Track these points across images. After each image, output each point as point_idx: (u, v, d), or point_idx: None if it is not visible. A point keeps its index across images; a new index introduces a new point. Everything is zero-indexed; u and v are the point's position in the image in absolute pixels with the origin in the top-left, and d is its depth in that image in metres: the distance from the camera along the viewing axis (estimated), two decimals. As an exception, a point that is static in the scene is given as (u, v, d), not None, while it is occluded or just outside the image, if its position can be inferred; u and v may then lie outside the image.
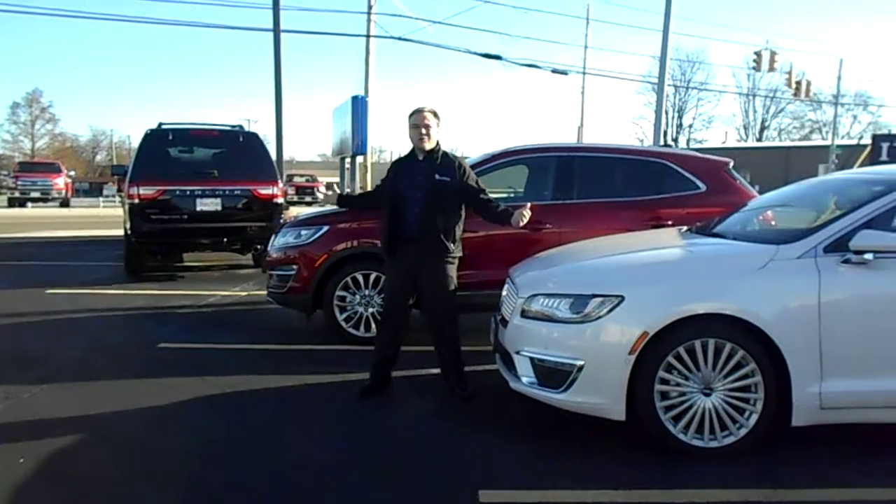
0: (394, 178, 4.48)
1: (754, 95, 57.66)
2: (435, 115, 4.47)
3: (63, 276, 9.48)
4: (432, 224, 4.30)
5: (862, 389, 3.39)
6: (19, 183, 30.47)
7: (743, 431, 3.42)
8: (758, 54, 25.70)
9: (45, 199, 30.64)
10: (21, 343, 5.91)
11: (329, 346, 5.70)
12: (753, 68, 27.35)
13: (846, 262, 3.38)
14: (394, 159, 4.79)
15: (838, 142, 40.49)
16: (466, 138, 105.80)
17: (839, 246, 3.41)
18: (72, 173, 40.72)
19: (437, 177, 4.36)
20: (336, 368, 5.03)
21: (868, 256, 3.33)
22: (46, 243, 14.11)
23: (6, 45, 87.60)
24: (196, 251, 10.21)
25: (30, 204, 30.00)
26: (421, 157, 4.43)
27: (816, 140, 54.76)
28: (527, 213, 4.42)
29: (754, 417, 3.40)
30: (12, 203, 30.38)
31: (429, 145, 4.41)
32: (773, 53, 25.52)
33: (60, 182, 31.25)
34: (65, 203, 31.18)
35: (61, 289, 8.40)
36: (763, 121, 62.37)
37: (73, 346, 5.69)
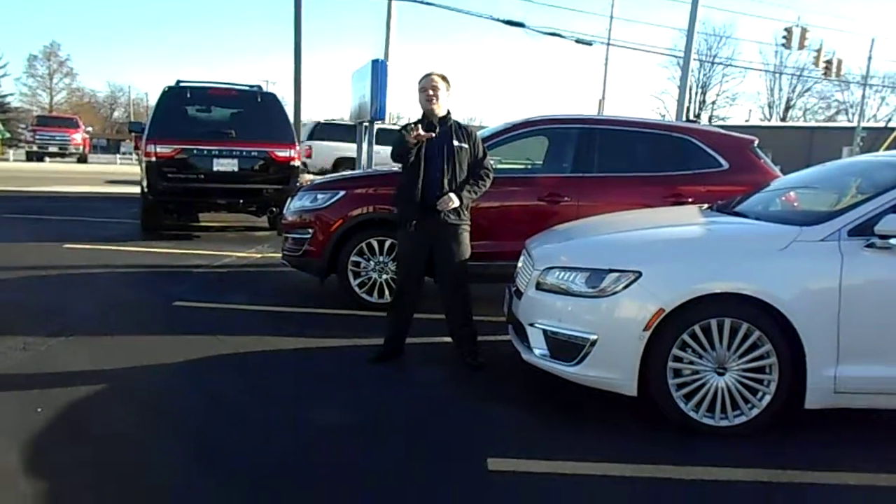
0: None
1: (781, 73, 56.49)
2: (444, 79, 4.41)
3: (80, 231, 9.56)
4: (452, 189, 4.28)
5: (878, 375, 3.36)
6: (37, 137, 30.65)
7: (755, 412, 3.40)
8: (788, 31, 25.10)
9: (62, 153, 30.82)
10: (39, 296, 5.97)
11: (342, 310, 5.72)
12: (783, 45, 26.74)
13: (870, 246, 3.32)
14: (402, 124, 4.68)
15: (864, 124, 39.74)
16: (486, 107, 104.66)
17: (864, 230, 3.35)
18: (89, 129, 40.91)
19: (455, 143, 4.33)
20: (349, 333, 5.05)
21: (893, 241, 3.27)
22: (64, 198, 14.21)
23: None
24: (212, 211, 10.24)
25: (47, 158, 30.21)
26: (435, 123, 4.38)
27: (842, 121, 53.80)
28: (452, 204, 4.28)
29: (767, 398, 3.39)
30: (30, 157, 30.63)
31: (439, 111, 4.36)
32: (804, 30, 24.91)
33: (78, 137, 31.40)
34: (82, 159, 31.38)
35: (78, 244, 8.47)
36: (788, 100, 61.13)
37: (89, 301, 5.76)
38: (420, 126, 4.29)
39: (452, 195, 4.27)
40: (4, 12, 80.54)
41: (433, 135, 4.25)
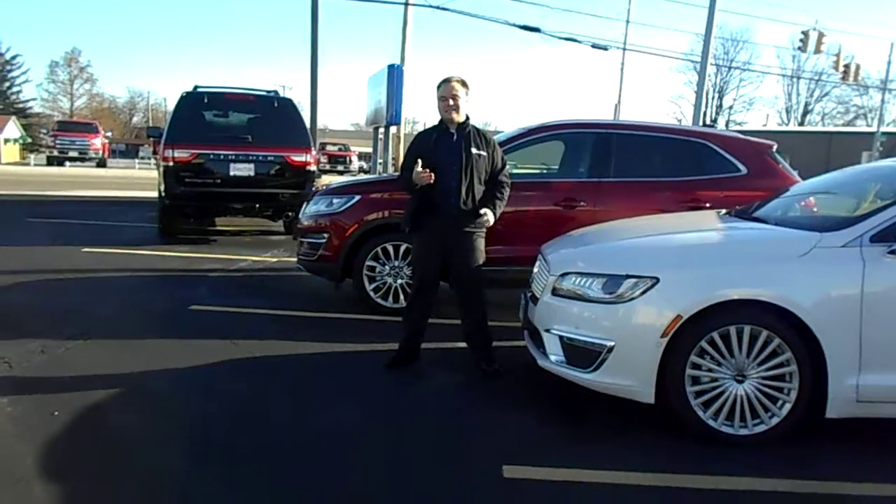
0: (428, 152, 4.38)
1: (798, 78, 56.10)
2: (464, 84, 4.36)
3: (98, 235, 9.64)
4: (469, 197, 4.26)
5: (902, 384, 3.28)
6: (58, 142, 31.09)
7: (775, 420, 3.35)
8: (805, 34, 24.88)
9: (82, 158, 31.24)
10: (57, 299, 6.02)
11: (357, 315, 5.72)
12: (800, 49, 26.51)
13: (893, 252, 3.26)
14: (417, 132, 4.67)
15: (884, 129, 39.29)
16: (502, 112, 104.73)
17: (886, 236, 3.29)
18: (109, 134, 41.44)
19: (473, 149, 4.29)
20: (364, 337, 5.04)
21: (917, 248, 3.21)
22: (83, 202, 14.37)
23: (46, 2, 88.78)
24: (228, 216, 10.30)
25: (67, 163, 30.61)
26: (453, 131, 4.35)
27: (861, 126, 53.23)
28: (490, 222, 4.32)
29: (787, 407, 3.33)
30: (51, 161, 31.09)
31: (458, 118, 4.33)
32: (820, 34, 24.68)
33: (97, 142, 31.83)
34: (101, 163, 31.77)
35: (96, 248, 8.54)
36: (806, 104, 60.69)
37: (106, 305, 5.80)
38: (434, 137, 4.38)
39: (490, 214, 4.28)
40: (26, 19, 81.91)
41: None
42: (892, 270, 3.26)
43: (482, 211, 4.28)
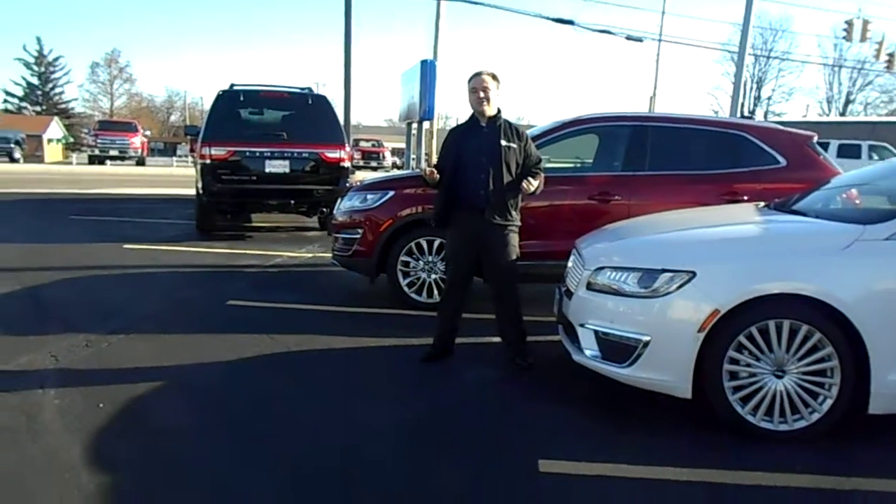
0: (457, 146, 4.40)
1: (840, 67, 54.54)
2: (494, 78, 4.36)
3: (139, 232, 9.86)
4: (500, 191, 4.25)
5: (948, 380, 3.20)
6: (98, 141, 31.86)
7: (816, 416, 3.29)
8: (849, 23, 24.18)
9: (122, 157, 31.97)
10: (100, 295, 6.18)
11: (392, 310, 5.76)
12: (844, 38, 25.79)
13: (939, 245, 3.18)
14: (451, 127, 4.70)
15: (930, 118, 38.05)
16: (535, 106, 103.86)
17: (933, 228, 3.21)
18: (147, 133, 42.24)
19: (503, 142, 4.28)
20: (399, 332, 5.08)
21: (964, 240, 3.13)
22: (123, 200, 14.68)
23: (87, 5, 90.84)
24: (264, 212, 10.43)
25: (108, 162, 31.33)
26: (483, 124, 4.35)
27: (906, 116, 51.60)
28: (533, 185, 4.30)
29: (828, 402, 3.27)
30: (92, 160, 31.88)
31: (489, 110, 4.33)
32: (865, 22, 23.97)
33: (137, 141, 32.55)
34: (140, 162, 32.48)
35: (137, 244, 8.74)
36: (848, 94, 58.94)
37: (147, 300, 5.94)
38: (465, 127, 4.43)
39: (532, 180, 4.25)
40: (68, 22, 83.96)
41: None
42: (939, 264, 3.18)
43: (524, 180, 4.25)
